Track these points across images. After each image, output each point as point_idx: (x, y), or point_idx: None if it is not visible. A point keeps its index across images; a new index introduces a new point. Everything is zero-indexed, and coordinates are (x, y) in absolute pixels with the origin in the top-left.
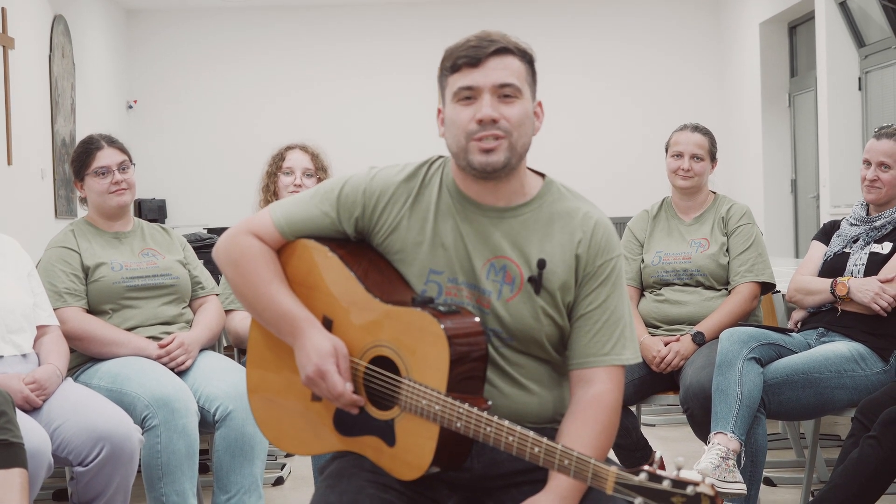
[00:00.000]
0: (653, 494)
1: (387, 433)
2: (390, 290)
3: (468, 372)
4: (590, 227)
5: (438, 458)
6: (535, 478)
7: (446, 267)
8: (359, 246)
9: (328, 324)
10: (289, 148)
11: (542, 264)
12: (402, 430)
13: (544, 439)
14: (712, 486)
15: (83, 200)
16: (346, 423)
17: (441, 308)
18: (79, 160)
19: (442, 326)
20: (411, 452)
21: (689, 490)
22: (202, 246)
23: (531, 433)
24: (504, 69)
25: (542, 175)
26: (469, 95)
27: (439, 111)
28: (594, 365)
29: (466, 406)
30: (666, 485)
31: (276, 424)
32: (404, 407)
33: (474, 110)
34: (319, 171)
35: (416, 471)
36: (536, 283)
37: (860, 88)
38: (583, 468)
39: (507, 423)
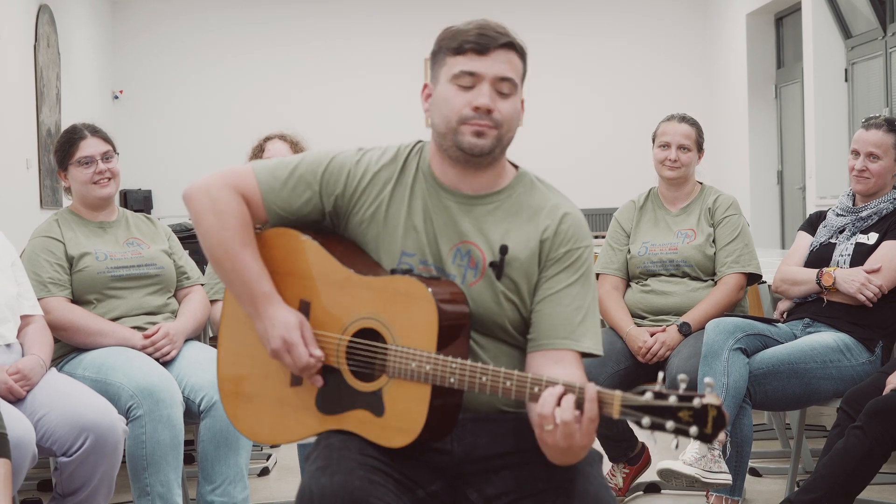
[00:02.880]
0: (659, 412)
1: (374, 404)
2: (368, 268)
3: (455, 332)
4: (557, 217)
5: (430, 421)
6: (514, 461)
7: (418, 250)
8: (331, 233)
9: (305, 306)
10: (268, 139)
11: (503, 250)
12: (391, 398)
13: (544, 376)
14: (717, 395)
15: (67, 190)
16: (330, 401)
17: (424, 275)
18: (62, 150)
19: (429, 289)
20: (403, 418)
21: (696, 402)
22: (187, 236)
23: (529, 374)
24: (507, 63)
25: (516, 167)
26: (469, 82)
27: (426, 86)
28: (550, 347)
29: (459, 360)
30: (672, 401)
31: (253, 418)
32: (392, 374)
33: (472, 96)
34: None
35: (409, 435)
36: (498, 268)
37: (846, 80)
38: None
39: (503, 369)
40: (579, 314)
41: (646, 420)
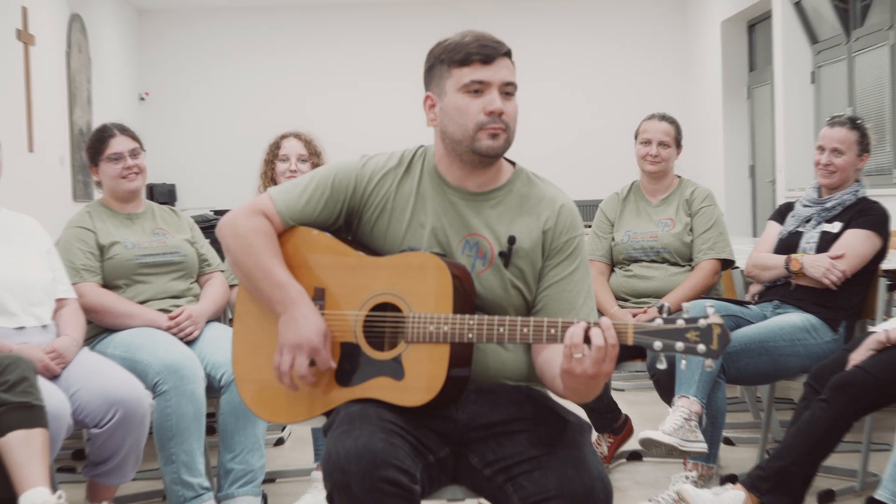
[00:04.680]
0: (670, 334)
1: (395, 369)
2: (377, 253)
3: (465, 298)
4: (556, 209)
5: (449, 379)
6: (511, 429)
7: (424, 244)
8: (340, 231)
9: (321, 292)
10: (283, 136)
11: (511, 240)
12: (411, 361)
13: (559, 319)
14: (718, 314)
15: (98, 184)
16: (350, 374)
17: (434, 251)
18: (94, 147)
19: (443, 261)
20: (423, 377)
21: (702, 323)
22: (209, 226)
23: (546, 319)
24: (508, 69)
25: (513, 163)
26: (479, 89)
27: (427, 97)
28: (571, 322)
29: (476, 316)
30: (680, 324)
31: (273, 403)
32: (411, 339)
33: (483, 103)
34: (313, 156)
35: (430, 392)
36: (506, 257)
37: (813, 82)
38: None
39: (519, 318)
40: (581, 297)
41: (657, 343)
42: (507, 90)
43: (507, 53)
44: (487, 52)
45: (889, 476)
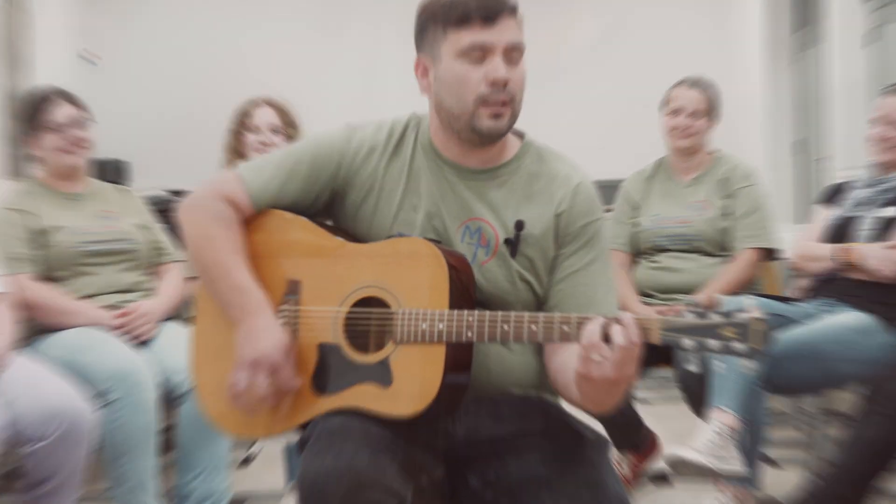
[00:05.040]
0: (703, 331)
1: (381, 374)
2: (362, 239)
3: (464, 291)
4: (571, 189)
5: (445, 384)
6: (516, 445)
7: (417, 229)
8: (319, 215)
9: (295, 285)
10: (254, 104)
11: (519, 226)
12: (401, 365)
13: (573, 315)
14: (761, 308)
15: (35, 159)
16: (328, 381)
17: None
18: (30, 115)
19: (436, 247)
20: (414, 383)
21: (740, 318)
22: (165, 210)
23: (556, 314)
24: (513, 28)
25: (521, 136)
26: (481, 56)
27: (419, 63)
28: (588, 318)
29: (476, 312)
30: (714, 319)
31: (238, 415)
32: (400, 339)
33: (485, 71)
34: (288, 126)
35: (423, 400)
36: (513, 245)
37: (870, 44)
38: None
39: (526, 314)
40: (600, 291)
41: (688, 341)
42: (513, 55)
43: (514, 9)
44: (489, 8)
45: None
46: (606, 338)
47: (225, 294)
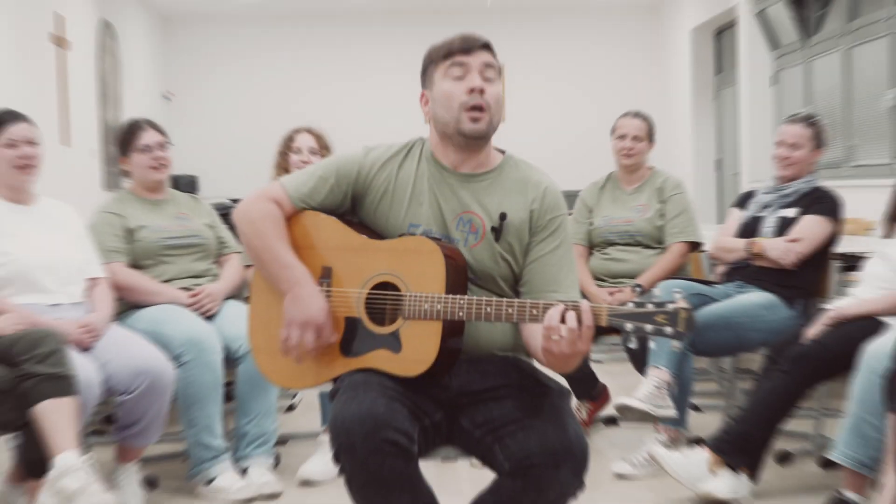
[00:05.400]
0: (640, 317)
1: (393, 343)
2: (379, 236)
3: (458, 279)
4: (541, 190)
5: (441, 351)
6: (499, 395)
7: (423, 221)
8: (346, 215)
9: (328, 271)
10: (297, 131)
11: (503, 216)
12: (408, 336)
13: (540, 302)
14: (686, 299)
15: (126, 174)
16: (352, 345)
17: (428, 235)
18: (125, 139)
19: (437, 245)
20: (418, 351)
21: (670, 307)
22: (227, 212)
23: (528, 301)
24: (488, 56)
25: (502, 152)
26: (460, 74)
27: (422, 95)
28: (543, 299)
29: (466, 297)
30: (649, 308)
31: (285, 371)
32: (407, 316)
33: (466, 84)
34: (323, 149)
35: (424, 364)
36: (497, 232)
37: (773, 84)
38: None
39: (504, 299)
40: (563, 271)
41: (629, 325)
42: (488, 74)
43: (486, 46)
44: (467, 44)
45: (840, 438)
46: (563, 320)
47: (275, 272)
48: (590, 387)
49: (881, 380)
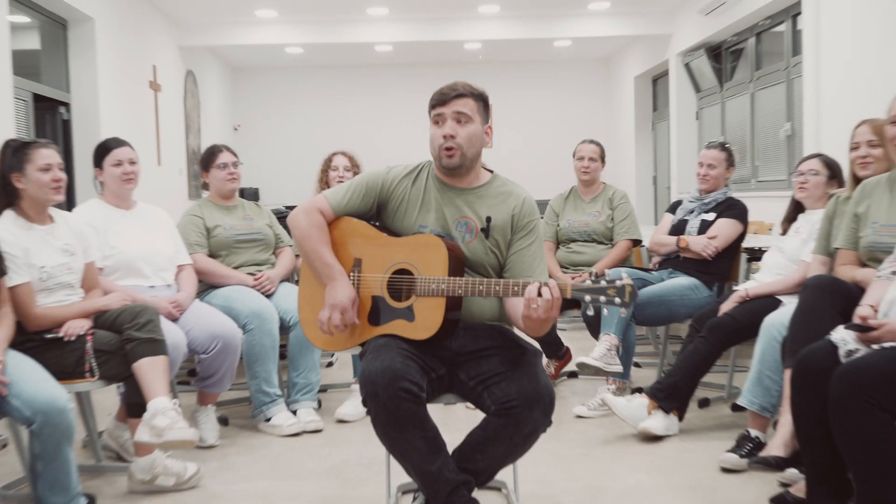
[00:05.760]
0: (596, 291)
1: (408, 314)
2: (398, 234)
3: (457, 266)
4: (520, 201)
5: (445, 320)
6: (489, 353)
7: (430, 223)
8: (372, 219)
9: (359, 262)
10: (334, 153)
11: (489, 220)
12: (419, 309)
13: (521, 280)
14: (630, 278)
15: (206, 186)
16: (377, 316)
17: (434, 233)
18: (207, 159)
19: (441, 240)
20: (427, 320)
21: (618, 283)
22: (282, 215)
23: (511, 280)
24: (461, 104)
25: (491, 171)
26: (438, 120)
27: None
28: (529, 282)
29: (464, 279)
30: (603, 283)
31: (325, 338)
32: (419, 293)
33: (442, 130)
34: (354, 167)
35: (431, 330)
36: (486, 232)
37: (696, 119)
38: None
39: (493, 279)
40: (536, 261)
41: (587, 297)
42: (459, 118)
43: (460, 95)
44: (444, 96)
45: (746, 388)
46: (540, 294)
47: (318, 267)
48: (556, 349)
49: (778, 343)
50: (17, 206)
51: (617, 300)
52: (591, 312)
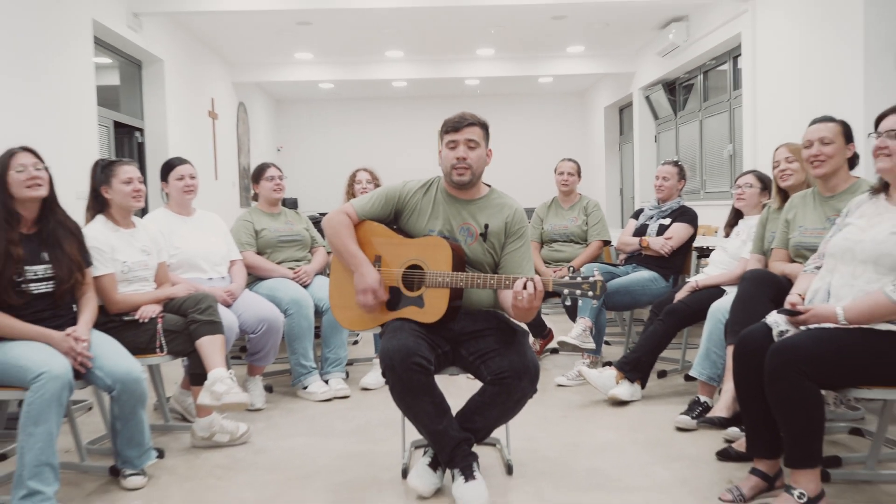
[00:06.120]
0: (573, 285)
1: (419, 302)
2: (410, 236)
3: (459, 263)
4: (513, 211)
5: (449, 307)
6: (485, 333)
7: (437, 227)
8: (391, 223)
9: (378, 258)
10: (358, 170)
11: (486, 227)
12: (428, 298)
13: (512, 276)
14: (601, 274)
15: (255, 197)
16: (393, 304)
17: (441, 236)
18: (258, 172)
19: (447, 242)
20: (434, 307)
21: (591, 279)
22: (317, 220)
23: (503, 275)
24: (471, 132)
25: (489, 185)
26: (453, 145)
27: (440, 151)
28: (517, 277)
29: (465, 273)
30: (579, 279)
31: (350, 318)
32: (428, 285)
33: (455, 153)
34: (375, 180)
35: (437, 315)
36: (484, 236)
37: (655, 141)
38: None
39: (489, 275)
40: (525, 261)
41: (566, 290)
42: (470, 144)
43: (471, 123)
44: (457, 124)
45: (696, 362)
46: (525, 287)
47: (347, 258)
48: (541, 329)
49: (722, 325)
50: (107, 213)
51: (590, 293)
52: (568, 303)
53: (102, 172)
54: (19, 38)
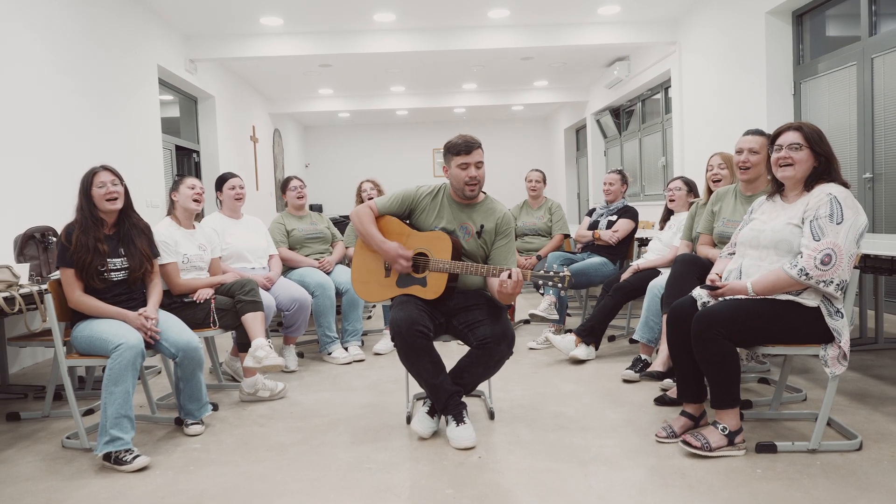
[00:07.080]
0: (546, 278)
1: (423, 282)
2: (421, 230)
3: (457, 254)
4: (502, 214)
5: (447, 288)
6: (474, 307)
7: (442, 224)
8: (405, 219)
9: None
10: (364, 181)
11: (482, 227)
12: (430, 279)
13: (499, 267)
14: (568, 269)
15: (286, 204)
16: (403, 283)
17: (444, 231)
18: (285, 184)
19: (448, 235)
20: (435, 287)
21: (561, 273)
22: (337, 221)
23: (492, 266)
24: (479, 155)
25: (485, 192)
26: (465, 166)
27: (445, 168)
28: (504, 267)
29: (461, 262)
30: (551, 273)
31: (367, 292)
32: (431, 269)
33: (467, 173)
34: (377, 188)
35: (437, 293)
36: (479, 234)
37: (605, 156)
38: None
39: (480, 264)
40: (510, 254)
41: (540, 281)
42: (478, 164)
43: (479, 146)
44: (468, 146)
45: (638, 328)
46: (509, 276)
47: (369, 239)
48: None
49: (658, 299)
50: (173, 215)
51: (560, 285)
52: (541, 291)
53: (174, 183)
54: (100, 83)
